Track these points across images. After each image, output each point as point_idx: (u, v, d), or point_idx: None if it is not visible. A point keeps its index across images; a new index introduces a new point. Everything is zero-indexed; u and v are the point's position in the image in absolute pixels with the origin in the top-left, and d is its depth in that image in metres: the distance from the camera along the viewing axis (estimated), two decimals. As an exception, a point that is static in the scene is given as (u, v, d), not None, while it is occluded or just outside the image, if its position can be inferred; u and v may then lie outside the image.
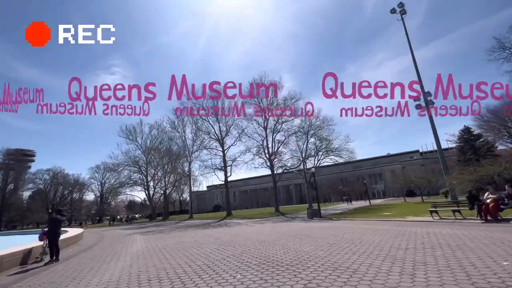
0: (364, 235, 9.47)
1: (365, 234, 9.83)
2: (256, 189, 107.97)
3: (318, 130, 45.89)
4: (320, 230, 12.36)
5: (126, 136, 54.74)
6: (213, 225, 24.03)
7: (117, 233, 22.52)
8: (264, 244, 9.04)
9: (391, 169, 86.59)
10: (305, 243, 8.62)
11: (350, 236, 9.56)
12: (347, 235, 9.93)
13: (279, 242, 9.26)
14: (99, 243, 14.02)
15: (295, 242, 8.87)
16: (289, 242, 9.09)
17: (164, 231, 19.55)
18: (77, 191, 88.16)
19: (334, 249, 7.18)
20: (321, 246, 7.82)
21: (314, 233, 11.05)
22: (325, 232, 11.37)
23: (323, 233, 10.87)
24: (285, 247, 8.11)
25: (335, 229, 12.16)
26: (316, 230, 12.47)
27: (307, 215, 23.41)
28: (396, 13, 35.56)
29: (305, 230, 12.80)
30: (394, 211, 22.54)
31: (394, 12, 35.82)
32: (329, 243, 8.28)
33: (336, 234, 10.24)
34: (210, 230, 17.89)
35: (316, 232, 11.59)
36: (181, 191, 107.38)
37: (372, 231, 10.44)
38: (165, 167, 53.74)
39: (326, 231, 11.56)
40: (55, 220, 8.54)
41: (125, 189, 63.55)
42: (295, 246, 8.05)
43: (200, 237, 13.01)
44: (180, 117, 45.95)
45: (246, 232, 14.11)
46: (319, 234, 10.77)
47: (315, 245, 7.99)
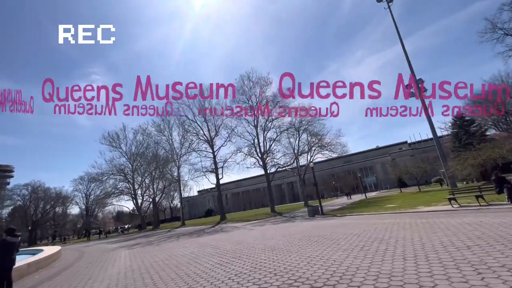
0: (391, 231, 8.03)
1: (390, 230, 8.40)
2: (249, 190, 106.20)
3: (309, 125, 44.90)
4: (332, 229, 10.86)
5: (109, 143, 51.60)
6: (208, 231, 22.15)
7: (100, 248, 20.21)
8: (276, 252, 7.41)
9: (381, 161, 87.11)
10: (326, 247, 7.06)
11: (375, 234, 8.10)
12: (369, 232, 8.47)
13: (293, 248, 7.66)
14: (76, 263, 11.93)
15: (314, 247, 7.29)
16: (306, 247, 7.50)
17: (154, 243, 17.52)
18: (60, 205, 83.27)
19: (371, 254, 5.65)
20: (350, 250, 6.28)
21: (328, 234, 9.53)
22: (340, 231, 9.88)
23: (339, 233, 9.37)
24: (304, 254, 6.51)
25: (349, 227, 10.70)
26: (327, 229, 10.96)
27: (308, 213, 21.98)
28: (383, 1, 35.04)
29: (315, 230, 11.28)
30: (397, 202, 21.52)
31: (381, 1, 35.28)
32: (357, 245, 6.76)
33: (357, 233, 8.75)
34: (206, 237, 16.07)
35: (329, 231, 10.08)
36: (171, 198, 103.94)
37: (396, 226, 9.03)
38: (153, 173, 51.02)
39: (341, 230, 10.07)
40: (3, 244, 6.48)
41: (111, 200, 60.00)
42: (317, 253, 6.47)
43: (195, 248, 11.21)
44: (166, 119, 43.63)
45: (247, 237, 12.42)
46: (335, 234, 9.26)
47: (342, 250, 6.43)
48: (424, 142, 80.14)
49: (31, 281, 8.63)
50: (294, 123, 44.77)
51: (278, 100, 42.24)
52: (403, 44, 32.90)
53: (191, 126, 40.91)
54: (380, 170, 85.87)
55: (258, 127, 42.85)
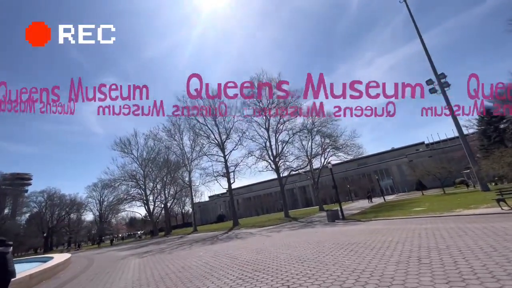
0: (443, 239, 6.70)
1: (441, 236, 7.06)
2: (260, 195, 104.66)
3: (322, 127, 43.43)
4: (364, 235, 9.55)
5: (121, 149, 51.80)
6: (221, 238, 21.06)
7: (111, 256, 19.43)
8: (308, 264, 6.23)
9: (397, 163, 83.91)
10: (370, 258, 5.84)
11: (423, 241, 6.79)
12: (414, 240, 7.16)
13: (327, 259, 6.46)
14: (82, 274, 11.09)
15: (353, 258, 6.07)
16: (343, 258, 6.28)
17: (165, 250, 16.57)
18: (75, 212, 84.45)
19: (437, 269, 4.40)
20: (404, 263, 5.04)
21: (362, 241, 8.26)
22: (375, 238, 8.58)
23: (375, 240, 8.09)
24: (346, 268, 5.32)
25: (384, 233, 9.37)
26: (358, 236, 9.66)
27: (327, 218, 20.57)
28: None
29: (343, 237, 9.99)
30: (424, 206, 19.83)
31: (395, -7, 33.83)
32: (409, 256, 5.50)
33: (398, 241, 7.46)
34: (220, 244, 14.98)
35: (362, 239, 8.79)
36: (182, 204, 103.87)
37: (446, 232, 7.67)
38: (164, 179, 50.65)
39: (376, 237, 8.76)
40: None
41: (124, 206, 60.10)
42: (362, 266, 5.26)
43: (210, 257, 10.13)
44: (176, 123, 43.25)
45: (267, 245, 11.25)
46: (370, 242, 7.98)
47: (393, 262, 5.20)
48: (443, 142, 76.70)
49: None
50: (306, 125, 43.48)
51: (289, 101, 41.25)
52: (421, 38, 31.24)
53: (202, 130, 40.29)
54: (397, 172, 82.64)
55: (269, 130, 41.78)
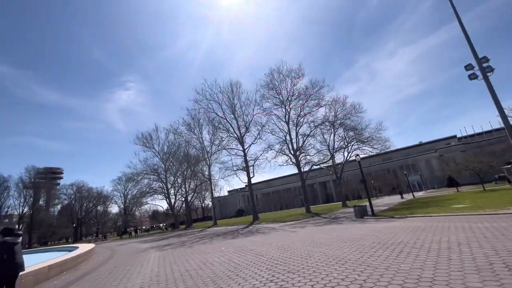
0: (524, 242, 5.35)
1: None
2: (279, 190, 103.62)
3: (346, 119, 41.30)
4: (408, 234, 8.27)
5: (142, 144, 52.92)
6: (242, 232, 20.39)
7: (132, 248, 19.42)
8: (349, 266, 5.18)
9: (425, 158, 79.12)
10: (434, 263, 4.67)
11: (500, 244, 5.47)
12: (484, 242, 5.84)
13: (376, 261, 5.36)
14: (102, 266, 10.78)
15: (412, 263, 4.93)
16: (394, 260, 5.16)
17: (186, 244, 16.13)
18: (102, 204, 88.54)
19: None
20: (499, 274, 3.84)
21: (410, 241, 7.02)
22: (425, 237, 7.30)
23: (427, 240, 6.82)
24: (410, 274, 4.22)
25: (432, 232, 8.03)
26: (402, 234, 8.39)
27: (355, 214, 19.18)
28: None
29: (382, 235, 8.77)
30: (465, 202, 17.89)
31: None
32: (493, 263, 4.28)
33: (460, 242, 6.16)
34: (242, 239, 14.23)
35: (408, 238, 7.54)
36: (202, 198, 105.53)
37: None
38: (185, 173, 51.11)
39: (425, 236, 7.47)
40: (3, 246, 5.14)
41: (146, 199, 61.70)
42: (431, 274, 4.13)
43: (233, 253, 9.35)
44: (195, 118, 43.12)
45: (293, 241, 10.27)
46: (421, 241, 6.74)
47: (473, 270, 4.02)
48: (479, 135, 70.90)
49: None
50: (328, 117, 41.59)
51: (311, 93, 39.60)
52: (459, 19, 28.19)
53: (221, 123, 39.81)
54: (425, 168, 77.97)
55: (289, 123, 40.42)
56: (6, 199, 72.79)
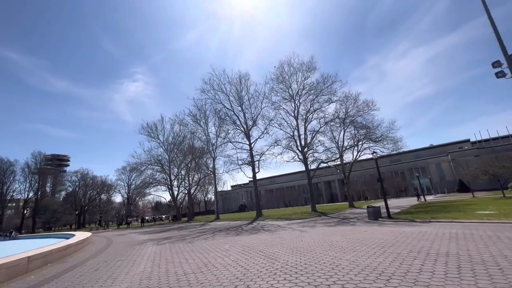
0: None
1: None
2: (283, 187, 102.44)
3: (358, 116, 39.55)
4: (450, 243, 6.92)
5: (147, 134, 52.08)
6: (246, 228, 19.23)
7: (130, 239, 18.43)
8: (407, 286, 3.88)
9: (436, 161, 76.80)
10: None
11: None
12: None
13: (436, 280, 4.06)
14: (93, 258, 9.72)
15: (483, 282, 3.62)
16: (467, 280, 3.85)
17: (186, 238, 15.02)
18: (105, 193, 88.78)
19: None
20: None
21: (463, 253, 5.69)
22: (481, 249, 5.95)
23: (489, 254, 5.48)
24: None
25: (481, 242, 6.67)
26: (444, 244, 7.04)
27: (368, 215, 17.85)
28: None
29: (417, 241, 7.43)
30: (490, 209, 16.37)
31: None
32: None
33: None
34: (247, 237, 13.04)
35: (459, 249, 6.19)
36: (205, 191, 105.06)
37: None
38: (189, 165, 50.20)
39: (477, 248, 6.12)
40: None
41: (149, 190, 61.00)
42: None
43: (239, 253, 8.14)
44: (202, 109, 41.93)
45: (308, 243, 9.01)
46: (484, 256, 5.39)
47: None
48: (494, 140, 68.12)
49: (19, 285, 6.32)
50: (339, 114, 39.93)
51: (322, 88, 37.95)
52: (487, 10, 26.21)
53: (227, 115, 38.53)
54: (435, 172, 75.73)
55: (298, 118, 38.90)
56: (11, 184, 73.32)
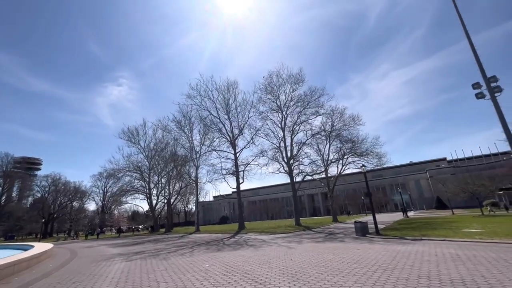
0: None
1: None
2: (266, 199, 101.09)
3: (343, 130, 39.90)
4: (458, 267, 6.24)
5: (128, 139, 49.72)
6: (228, 242, 17.94)
7: (97, 253, 16.53)
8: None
9: (415, 178, 79.01)
10: None
11: None
12: None
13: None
14: (43, 279, 8.16)
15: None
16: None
17: (161, 253, 13.54)
18: (78, 200, 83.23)
19: None
20: None
21: (480, 281, 4.98)
22: (496, 276, 5.28)
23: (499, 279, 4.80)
24: None
25: (492, 267, 6.04)
26: (451, 268, 6.35)
27: (356, 231, 17.18)
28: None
29: (419, 263, 6.70)
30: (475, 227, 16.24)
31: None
32: None
33: None
34: (230, 253, 11.86)
35: (473, 275, 5.49)
36: (186, 201, 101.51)
37: None
38: (170, 173, 48.05)
39: (492, 274, 5.46)
40: None
41: (126, 198, 57.60)
42: None
43: (221, 275, 7.02)
44: (187, 115, 40.63)
45: (299, 263, 8.05)
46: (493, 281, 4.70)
47: None
48: (468, 160, 71.36)
49: None
50: (325, 127, 40.11)
51: (309, 100, 38.05)
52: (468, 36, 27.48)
53: (213, 123, 37.48)
54: (414, 188, 77.74)
55: (285, 129, 38.57)
56: (-28, 187, 67.02)
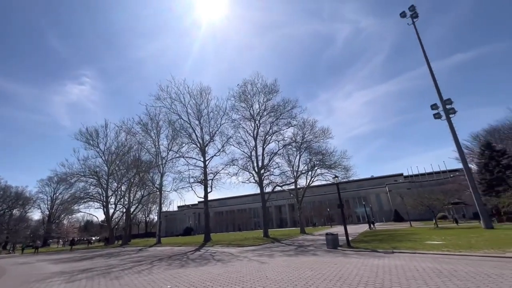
0: None
1: None
2: (234, 210, 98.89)
3: (314, 142, 40.78)
4: (446, 283, 5.89)
5: (85, 140, 45.09)
6: (193, 257, 16.40)
7: (32, 271, 13.83)
8: None
9: (376, 192, 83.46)
10: None
11: None
12: None
13: None
14: None
15: None
16: None
17: (113, 271, 11.66)
18: (19, 207, 73.12)
19: None
20: None
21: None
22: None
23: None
24: None
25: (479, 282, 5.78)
26: (440, 284, 5.97)
27: (327, 243, 16.86)
28: (407, 17, 32.82)
29: (405, 280, 6.26)
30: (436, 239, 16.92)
31: (404, 16, 33.03)
32: None
33: None
34: (195, 269, 10.54)
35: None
36: (148, 211, 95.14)
37: None
38: (132, 179, 44.33)
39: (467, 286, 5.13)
40: None
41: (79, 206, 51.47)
42: None
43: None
44: (154, 118, 38.19)
45: (275, 281, 7.16)
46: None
47: None
48: (422, 176, 77.61)
49: None
50: (296, 138, 40.61)
51: (282, 111, 38.29)
52: (428, 60, 30.14)
53: (183, 128, 35.62)
54: (375, 201, 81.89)
55: (257, 139, 38.14)
56: None
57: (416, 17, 31.93)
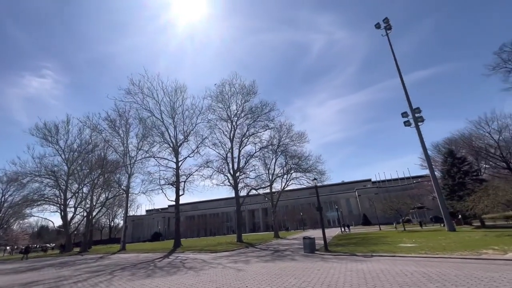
0: None
1: None
2: (206, 214, 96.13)
3: (290, 146, 40.88)
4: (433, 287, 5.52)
5: (43, 136, 40.56)
6: (161, 264, 14.97)
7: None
8: None
9: (346, 196, 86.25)
10: None
11: None
12: None
13: None
14: None
15: None
16: None
17: (63, 284, 9.99)
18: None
19: None
20: None
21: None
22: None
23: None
24: None
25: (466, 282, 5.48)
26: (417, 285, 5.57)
27: (305, 248, 16.44)
28: (381, 29, 34.33)
29: (398, 286, 5.81)
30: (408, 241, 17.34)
31: (379, 28, 34.50)
32: None
33: None
34: (163, 280, 9.34)
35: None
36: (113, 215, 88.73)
37: None
38: (95, 180, 40.69)
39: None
40: None
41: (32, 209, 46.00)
42: None
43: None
44: (124, 115, 35.55)
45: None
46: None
47: None
48: (388, 182, 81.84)
49: None
50: (272, 141, 40.41)
51: (260, 114, 37.85)
52: (400, 72, 31.68)
53: (155, 126, 33.52)
54: (345, 205, 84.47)
55: (234, 141, 37.22)
56: None
57: (389, 29, 33.48)
